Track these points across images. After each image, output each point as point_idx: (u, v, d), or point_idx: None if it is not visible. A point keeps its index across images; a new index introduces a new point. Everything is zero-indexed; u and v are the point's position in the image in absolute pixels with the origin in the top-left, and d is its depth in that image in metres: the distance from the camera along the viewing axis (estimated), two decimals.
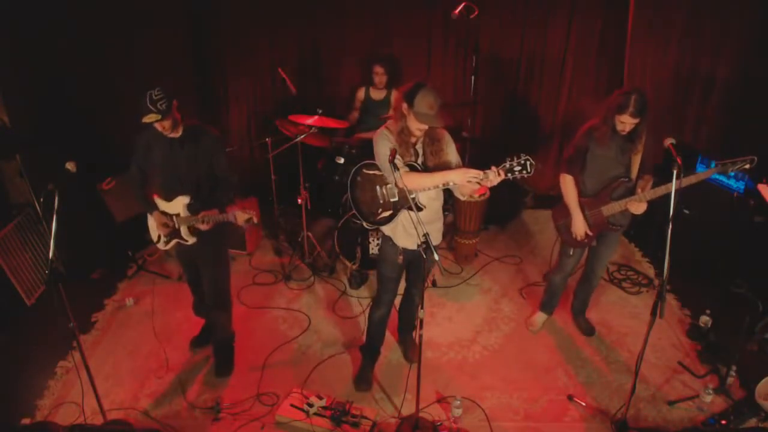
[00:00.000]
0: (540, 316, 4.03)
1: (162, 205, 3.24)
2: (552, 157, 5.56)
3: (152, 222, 3.33)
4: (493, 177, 2.63)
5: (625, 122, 3.08)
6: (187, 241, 3.25)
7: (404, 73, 5.15)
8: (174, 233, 3.27)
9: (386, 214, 3.06)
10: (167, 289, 4.44)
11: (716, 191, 4.42)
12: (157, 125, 2.92)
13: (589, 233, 3.44)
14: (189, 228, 3.23)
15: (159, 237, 3.35)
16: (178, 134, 3.06)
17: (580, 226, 3.42)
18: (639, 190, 3.26)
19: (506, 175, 2.62)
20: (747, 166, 2.91)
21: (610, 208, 3.35)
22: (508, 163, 2.62)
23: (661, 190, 3.11)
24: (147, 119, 2.84)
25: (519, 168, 2.60)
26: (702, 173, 3.08)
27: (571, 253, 3.62)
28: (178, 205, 3.17)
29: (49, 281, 2.59)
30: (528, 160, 2.60)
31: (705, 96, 5.13)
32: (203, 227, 3.16)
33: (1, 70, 4.11)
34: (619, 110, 3.06)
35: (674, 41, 4.92)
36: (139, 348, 3.82)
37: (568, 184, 3.43)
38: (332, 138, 4.78)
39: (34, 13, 4.35)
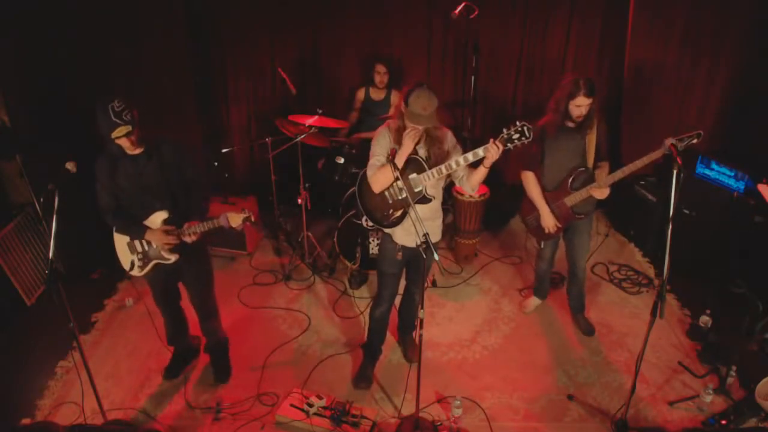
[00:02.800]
0: (533, 300, 4.17)
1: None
2: None
3: (122, 248, 3.10)
4: (494, 151, 2.64)
5: (581, 105, 3.17)
6: (168, 259, 3.06)
7: (404, 73, 5.16)
8: (152, 254, 3.07)
9: (398, 213, 3.04)
10: None
11: (716, 191, 4.42)
12: (124, 140, 2.71)
13: (558, 225, 3.54)
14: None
15: (132, 263, 3.11)
16: (141, 149, 2.85)
17: (548, 219, 3.52)
18: (598, 177, 3.36)
19: (506, 145, 2.63)
20: (695, 141, 2.98)
21: (573, 198, 3.45)
22: (505, 133, 2.62)
23: (619, 174, 3.24)
24: (118, 132, 2.64)
25: (517, 135, 2.62)
26: (645, 157, 3.13)
27: (542, 246, 3.77)
28: (156, 223, 2.97)
29: (49, 281, 2.58)
30: (525, 125, 2.61)
31: (705, 96, 5.14)
32: (189, 239, 2.94)
33: (1, 70, 4.11)
34: (571, 96, 3.16)
35: (674, 41, 4.92)
36: (139, 348, 3.82)
37: (530, 180, 3.52)
38: (332, 138, 4.78)
39: (35, 13, 4.35)
